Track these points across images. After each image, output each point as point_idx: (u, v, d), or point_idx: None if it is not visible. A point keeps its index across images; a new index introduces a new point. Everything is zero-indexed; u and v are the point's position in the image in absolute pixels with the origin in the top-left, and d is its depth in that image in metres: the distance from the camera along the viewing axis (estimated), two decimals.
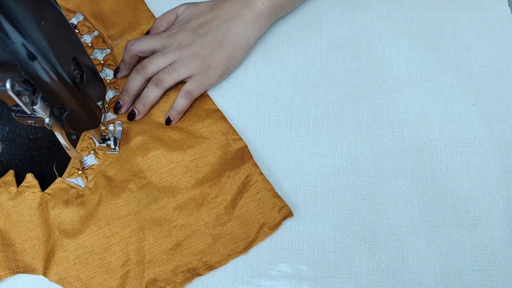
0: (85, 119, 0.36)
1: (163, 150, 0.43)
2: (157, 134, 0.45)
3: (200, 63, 0.46)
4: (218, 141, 0.44)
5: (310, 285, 0.39)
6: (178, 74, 0.46)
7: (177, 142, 0.44)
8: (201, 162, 0.43)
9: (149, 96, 0.46)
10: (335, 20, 0.53)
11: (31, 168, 0.44)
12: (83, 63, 0.34)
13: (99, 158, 0.44)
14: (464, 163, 0.44)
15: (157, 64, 0.46)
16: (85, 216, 0.41)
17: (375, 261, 0.40)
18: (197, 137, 0.44)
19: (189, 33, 0.47)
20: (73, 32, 0.33)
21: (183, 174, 0.43)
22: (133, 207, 0.42)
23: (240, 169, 0.43)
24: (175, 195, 0.42)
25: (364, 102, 0.47)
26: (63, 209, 0.41)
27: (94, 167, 0.44)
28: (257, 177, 0.42)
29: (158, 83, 0.45)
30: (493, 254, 0.40)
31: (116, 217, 0.41)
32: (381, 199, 0.43)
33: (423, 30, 0.51)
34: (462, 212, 0.42)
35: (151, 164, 0.43)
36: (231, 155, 0.44)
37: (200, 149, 0.44)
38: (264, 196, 0.42)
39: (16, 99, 0.29)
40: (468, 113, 0.46)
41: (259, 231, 0.41)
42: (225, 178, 0.42)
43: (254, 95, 0.48)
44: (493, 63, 0.49)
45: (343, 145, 0.45)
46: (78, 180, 0.43)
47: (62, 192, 0.42)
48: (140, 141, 0.44)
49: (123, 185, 0.42)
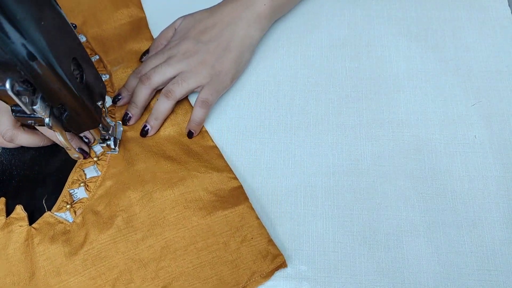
0: (85, 119, 0.36)
1: (154, 183, 0.42)
2: (150, 164, 0.43)
3: (210, 70, 0.45)
4: (212, 178, 0.42)
5: (310, 285, 0.39)
6: (188, 84, 0.44)
7: (169, 173, 0.42)
8: (190, 197, 0.41)
9: (161, 109, 0.45)
10: (335, 20, 0.53)
11: (31, 168, 0.44)
12: (83, 63, 0.34)
13: (89, 191, 0.43)
14: (464, 163, 0.44)
15: (163, 74, 0.45)
16: (70, 254, 0.39)
17: (375, 261, 0.40)
18: (190, 170, 0.42)
19: (192, 41, 0.46)
20: (73, 32, 0.33)
21: (171, 209, 0.40)
22: (121, 246, 0.40)
23: (234, 210, 0.40)
24: (163, 232, 0.40)
25: (364, 102, 0.47)
26: (48, 246, 0.40)
27: (84, 201, 0.42)
28: (252, 222, 0.40)
29: (168, 95, 0.44)
30: (493, 254, 0.40)
31: (103, 256, 0.39)
32: (381, 199, 0.43)
33: (423, 30, 0.51)
34: (462, 212, 0.42)
35: (141, 198, 0.41)
36: (224, 193, 0.41)
37: (192, 183, 0.41)
38: (258, 243, 0.39)
39: (16, 99, 0.29)
40: (468, 113, 0.46)
41: (249, 279, 0.38)
42: (215, 217, 0.40)
43: (254, 95, 0.48)
44: (493, 63, 0.49)
45: (343, 145, 0.45)
46: (67, 214, 0.42)
47: (49, 227, 0.41)
48: (131, 172, 0.43)
49: (111, 221, 0.41)
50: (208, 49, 0.45)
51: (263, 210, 0.42)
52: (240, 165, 0.45)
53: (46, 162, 0.45)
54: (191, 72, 0.45)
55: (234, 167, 0.44)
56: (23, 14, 0.27)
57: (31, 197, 0.43)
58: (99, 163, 0.44)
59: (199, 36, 0.46)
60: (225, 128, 0.47)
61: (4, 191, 0.44)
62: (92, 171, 0.44)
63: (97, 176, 0.43)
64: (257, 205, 0.43)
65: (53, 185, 0.44)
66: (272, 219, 0.42)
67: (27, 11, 0.27)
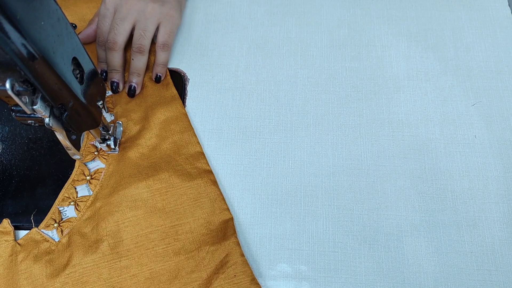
0: (85, 119, 0.36)
1: (144, 210, 0.41)
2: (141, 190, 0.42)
3: (158, 6, 0.47)
4: (203, 208, 0.41)
5: (310, 285, 0.39)
6: (149, 31, 0.47)
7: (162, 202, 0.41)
8: (181, 229, 0.40)
9: (140, 65, 0.47)
10: (335, 20, 0.53)
11: (31, 168, 0.44)
12: (83, 63, 0.34)
13: (78, 211, 0.42)
14: (464, 163, 0.44)
15: (124, 31, 0.46)
16: (51, 275, 0.39)
17: (375, 261, 0.40)
18: (182, 195, 0.42)
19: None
20: (73, 32, 0.33)
21: (160, 240, 0.40)
22: (103, 272, 0.39)
23: (220, 246, 0.40)
24: (149, 263, 0.39)
25: (364, 102, 0.47)
26: (31, 264, 0.39)
27: (72, 220, 0.42)
28: (237, 259, 0.39)
29: (141, 49, 0.46)
30: (493, 254, 0.40)
31: (85, 281, 0.38)
32: (381, 199, 0.43)
33: (423, 30, 0.51)
34: (462, 212, 0.42)
35: (129, 224, 0.40)
36: (214, 226, 0.40)
37: (183, 214, 0.41)
38: (241, 281, 0.38)
39: (16, 99, 0.29)
40: (468, 113, 0.46)
41: None
42: (204, 253, 0.39)
43: (254, 95, 0.48)
44: (493, 63, 0.49)
45: (343, 145, 0.45)
46: (53, 232, 0.41)
47: (34, 244, 0.40)
48: (122, 195, 0.42)
49: (96, 245, 0.40)
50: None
51: (263, 210, 0.42)
52: (240, 165, 0.45)
53: (46, 162, 0.45)
54: (144, 17, 0.47)
55: (234, 167, 0.44)
56: (23, 14, 0.27)
57: (31, 197, 0.43)
58: (92, 182, 0.43)
59: None
60: (225, 128, 0.47)
61: (4, 191, 0.44)
62: (84, 190, 0.43)
63: (88, 196, 0.43)
64: (257, 205, 0.43)
65: (53, 185, 0.44)
66: (272, 219, 0.42)
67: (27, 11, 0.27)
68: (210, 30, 0.53)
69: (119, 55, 0.47)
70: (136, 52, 0.47)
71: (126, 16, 0.46)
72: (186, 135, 0.45)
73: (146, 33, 0.47)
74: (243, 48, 0.51)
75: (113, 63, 0.47)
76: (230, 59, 0.51)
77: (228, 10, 0.54)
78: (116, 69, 0.47)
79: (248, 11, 0.54)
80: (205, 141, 0.46)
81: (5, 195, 0.43)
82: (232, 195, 0.43)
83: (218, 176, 0.44)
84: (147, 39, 0.47)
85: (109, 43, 0.46)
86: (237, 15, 0.54)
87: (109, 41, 0.46)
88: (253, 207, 0.43)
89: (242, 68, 0.50)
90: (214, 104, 0.48)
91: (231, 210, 0.42)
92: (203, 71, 0.50)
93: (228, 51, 0.51)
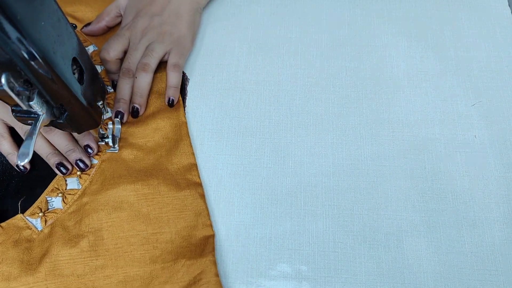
0: (85, 119, 0.36)
1: (129, 213, 0.41)
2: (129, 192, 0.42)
3: (170, 37, 0.48)
4: (187, 221, 0.41)
5: (310, 285, 0.39)
6: (157, 53, 0.47)
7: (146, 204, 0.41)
8: (162, 238, 0.40)
9: (143, 84, 0.46)
10: (335, 20, 0.53)
11: (31, 168, 0.44)
12: (83, 63, 0.34)
13: (65, 203, 0.42)
14: (464, 163, 0.44)
15: (136, 58, 0.47)
16: (26, 263, 0.39)
17: (375, 261, 0.40)
18: (167, 204, 0.41)
19: (145, 17, 0.48)
20: (73, 32, 0.33)
21: (140, 246, 0.40)
22: (78, 268, 0.39)
23: (197, 261, 0.39)
24: (125, 266, 0.39)
25: (364, 102, 0.47)
26: (9, 248, 0.39)
27: (57, 212, 0.42)
28: (210, 278, 0.39)
29: (146, 68, 0.46)
30: (493, 254, 0.40)
31: (58, 274, 0.38)
32: (381, 199, 0.43)
33: (423, 30, 0.51)
34: (462, 212, 0.42)
35: (112, 225, 0.40)
36: (194, 240, 0.40)
37: (166, 223, 0.41)
38: None
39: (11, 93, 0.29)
40: (468, 113, 0.46)
41: None
42: (179, 265, 0.39)
43: (254, 95, 0.48)
44: (493, 63, 0.49)
45: (343, 145, 0.45)
46: (37, 221, 0.41)
47: (16, 230, 0.41)
48: (109, 195, 0.42)
49: (76, 239, 0.40)
50: (162, 20, 0.48)
51: (263, 210, 0.42)
52: (240, 165, 0.45)
53: (46, 162, 0.45)
54: (155, 42, 0.47)
55: (234, 167, 0.44)
56: (23, 14, 0.27)
57: (31, 197, 0.43)
58: (82, 177, 0.43)
59: (149, 9, 0.49)
60: (225, 128, 0.47)
61: (4, 191, 0.44)
62: (74, 183, 0.43)
63: (77, 189, 0.43)
64: (257, 205, 0.43)
65: None
66: (272, 219, 0.42)
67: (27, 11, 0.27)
68: (210, 30, 0.53)
69: (131, 82, 0.46)
70: (140, 69, 0.46)
71: (138, 46, 0.47)
72: (182, 144, 0.45)
73: (153, 53, 0.46)
74: (243, 48, 0.51)
75: (123, 92, 0.46)
76: (230, 59, 0.51)
77: (228, 10, 0.54)
78: (124, 98, 0.46)
79: (248, 11, 0.54)
80: (205, 141, 0.46)
81: (5, 195, 0.43)
82: (232, 195, 0.43)
83: (218, 176, 0.44)
84: (153, 58, 0.46)
85: (123, 71, 0.46)
86: (237, 15, 0.54)
87: (123, 69, 0.46)
88: (253, 207, 0.43)
89: (242, 68, 0.50)
90: (214, 104, 0.48)
91: (231, 210, 0.42)
92: (203, 71, 0.50)
93: (228, 51, 0.51)
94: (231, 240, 0.41)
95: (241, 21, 0.53)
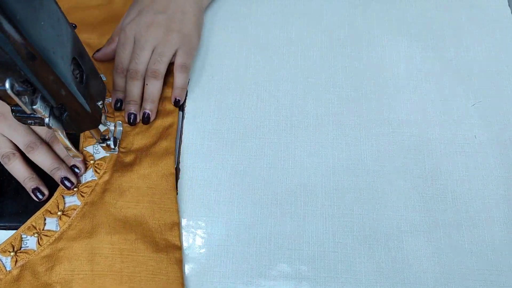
0: (85, 119, 0.36)
1: (102, 268, 0.39)
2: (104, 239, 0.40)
3: (177, 35, 0.46)
4: (159, 286, 0.39)
5: (310, 285, 0.39)
6: (166, 57, 0.46)
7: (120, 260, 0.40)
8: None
9: (154, 91, 0.46)
10: (335, 20, 0.53)
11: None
12: (83, 63, 0.34)
13: (40, 245, 0.40)
14: (464, 163, 0.44)
15: (143, 58, 0.46)
16: None
17: (375, 261, 0.40)
18: (142, 264, 0.40)
19: (150, 13, 0.47)
20: (73, 32, 0.33)
21: None
22: None
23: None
24: None
25: (364, 102, 0.47)
26: None
27: (30, 253, 0.40)
28: None
29: (156, 75, 0.45)
30: (493, 254, 0.40)
31: None
32: (381, 199, 0.43)
33: (423, 30, 0.51)
34: (462, 212, 0.42)
35: (83, 278, 0.39)
36: None
37: (138, 285, 0.39)
38: None
39: (16, 98, 0.29)
40: (468, 113, 0.46)
41: None
42: None
43: (254, 95, 0.48)
44: (493, 63, 0.49)
45: (343, 145, 0.45)
46: (7, 260, 0.40)
47: None
48: (85, 244, 0.40)
49: None
50: (168, 16, 0.47)
51: (263, 210, 0.42)
52: (240, 165, 0.45)
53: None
54: (162, 43, 0.46)
55: (234, 167, 0.44)
56: (23, 14, 0.27)
57: (31, 197, 0.43)
58: (62, 218, 0.41)
59: (152, 5, 0.48)
60: (225, 128, 0.47)
61: (4, 191, 0.44)
62: (53, 223, 0.42)
63: (54, 231, 0.41)
64: (257, 205, 0.43)
65: (53, 185, 0.44)
66: (272, 219, 0.42)
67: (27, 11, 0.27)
68: (210, 30, 0.53)
69: (140, 86, 0.46)
70: (151, 77, 0.45)
71: (145, 45, 0.46)
72: (167, 199, 0.42)
73: (162, 58, 0.46)
74: (243, 48, 0.51)
75: (132, 94, 0.45)
76: (230, 59, 0.51)
77: (228, 10, 0.54)
78: (134, 100, 0.45)
79: (248, 11, 0.54)
80: (205, 141, 0.46)
81: (5, 195, 0.43)
82: (232, 195, 0.43)
83: (218, 176, 0.44)
84: (163, 64, 0.46)
85: (130, 73, 0.45)
86: (237, 15, 0.54)
87: (131, 70, 0.45)
88: (253, 207, 0.43)
89: (242, 68, 0.50)
90: (214, 104, 0.48)
91: (231, 210, 0.42)
92: (203, 71, 0.50)
93: (228, 51, 0.51)
94: (231, 240, 0.41)
95: (241, 21, 0.53)
